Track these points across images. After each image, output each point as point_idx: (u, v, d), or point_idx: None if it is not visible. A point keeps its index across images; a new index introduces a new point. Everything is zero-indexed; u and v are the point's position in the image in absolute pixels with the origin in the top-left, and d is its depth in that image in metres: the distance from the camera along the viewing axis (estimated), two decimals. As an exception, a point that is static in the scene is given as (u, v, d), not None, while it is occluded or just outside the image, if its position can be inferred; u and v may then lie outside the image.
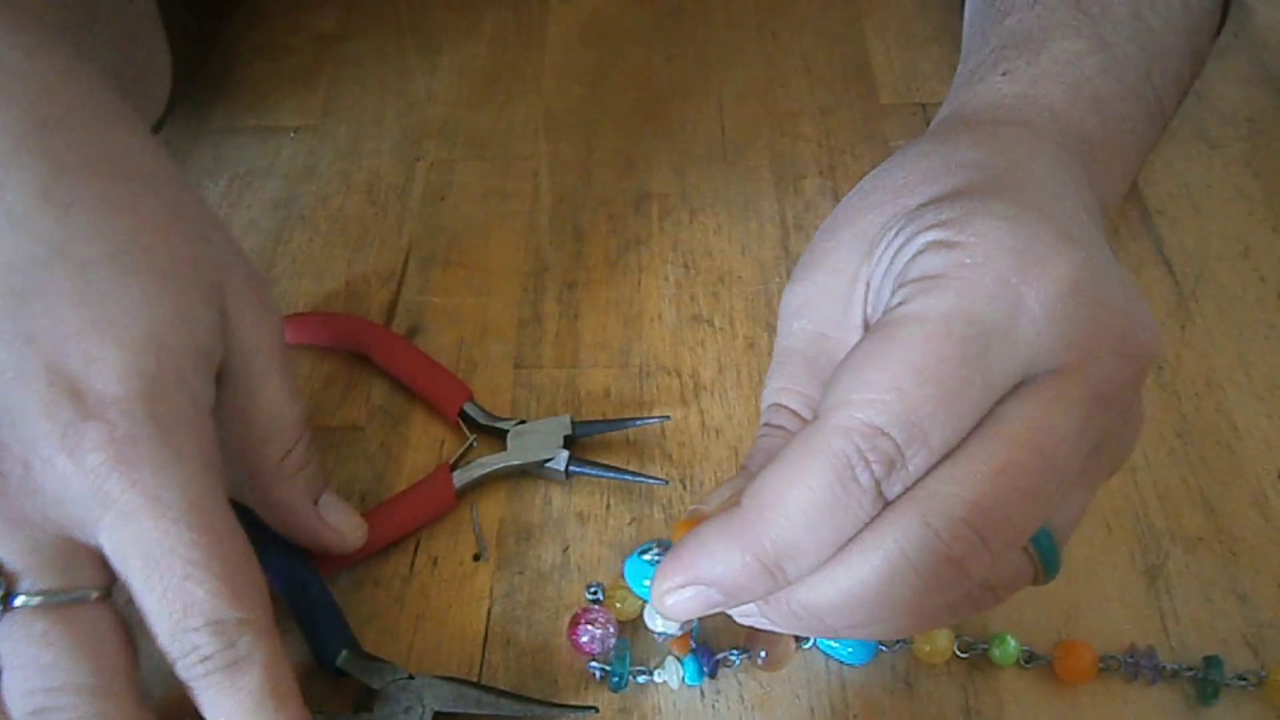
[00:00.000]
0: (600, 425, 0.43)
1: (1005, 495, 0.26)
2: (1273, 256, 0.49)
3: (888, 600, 0.26)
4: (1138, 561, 0.39)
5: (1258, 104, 0.56)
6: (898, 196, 0.31)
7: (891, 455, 0.25)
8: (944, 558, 0.26)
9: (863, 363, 0.27)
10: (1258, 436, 0.43)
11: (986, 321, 0.26)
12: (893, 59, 0.60)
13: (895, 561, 0.26)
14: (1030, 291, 0.26)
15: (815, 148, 0.55)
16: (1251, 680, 0.36)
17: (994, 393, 0.26)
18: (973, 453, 0.26)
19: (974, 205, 0.29)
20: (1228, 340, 0.46)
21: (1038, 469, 0.26)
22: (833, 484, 0.26)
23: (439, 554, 0.41)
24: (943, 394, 0.25)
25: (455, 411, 0.43)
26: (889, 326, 0.27)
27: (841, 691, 0.37)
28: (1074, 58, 0.37)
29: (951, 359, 0.26)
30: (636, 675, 0.36)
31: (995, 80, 0.37)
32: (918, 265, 0.28)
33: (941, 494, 0.26)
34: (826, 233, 0.33)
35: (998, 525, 0.26)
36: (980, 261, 0.27)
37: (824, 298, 0.32)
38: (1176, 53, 0.42)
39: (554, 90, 0.59)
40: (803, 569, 0.26)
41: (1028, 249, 0.27)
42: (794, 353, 0.32)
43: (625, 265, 0.50)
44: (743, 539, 0.26)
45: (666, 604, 0.28)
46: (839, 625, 0.28)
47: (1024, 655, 0.36)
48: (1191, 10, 0.42)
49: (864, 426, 0.25)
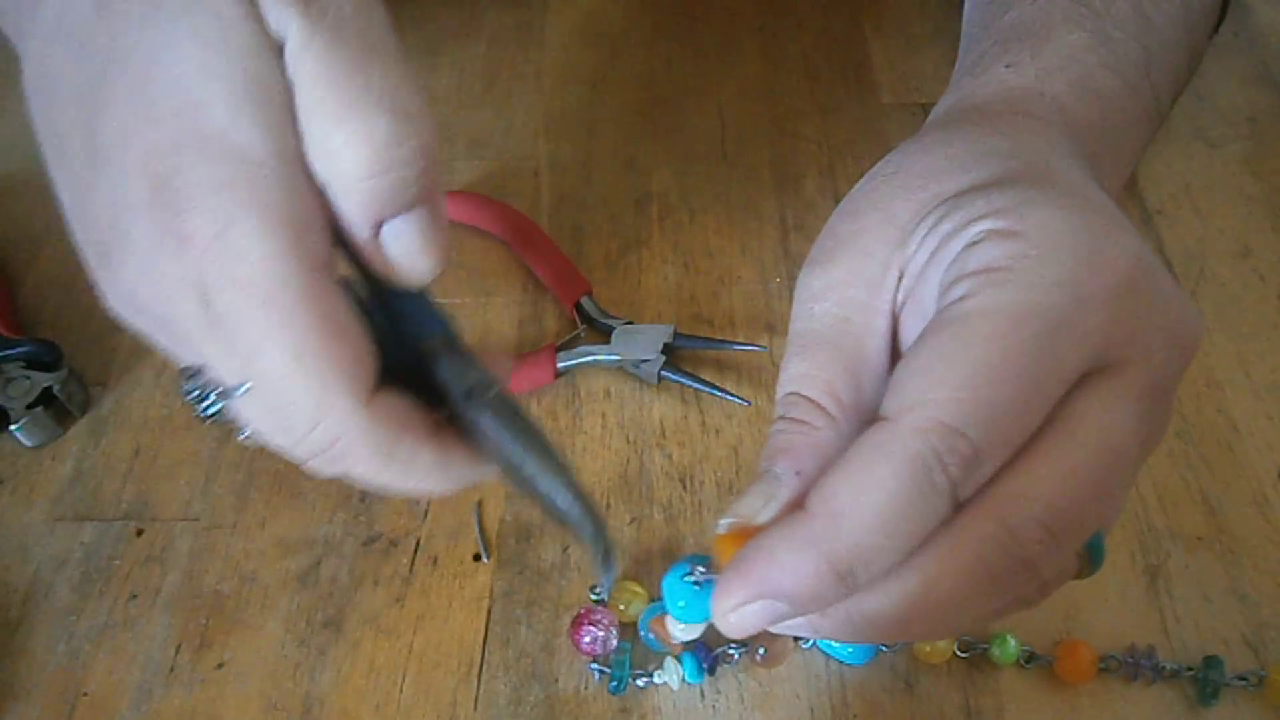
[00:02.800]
0: (700, 341, 0.46)
1: (1079, 496, 0.25)
2: (1273, 256, 0.49)
3: (954, 606, 0.26)
4: (1138, 561, 0.39)
5: (1258, 104, 0.56)
6: (928, 183, 0.30)
7: (968, 457, 0.25)
8: (1019, 560, 0.25)
9: (934, 361, 0.26)
10: (1258, 436, 0.43)
11: (1054, 314, 0.26)
12: (893, 59, 0.60)
13: (970, 566, 0.25)
14: (1096, 283, 0.26)
15: (815, 148, 0.55)
16: (1251, 680, 0.36)
17: (1062, 386, 0.26)
18: (1045, 453, 0.26)
19: (1027, 194, 0.28)
20: (1228, 340, 0.46)
21: (1108, 467, 0.26)
22: (909, 487, 0.25)
23: (439, 554, 0.41)
24: (1016, 390, 0.25)
25: (572, 301, 0.47)
26: (957, 323, 0.26)
27: (841, 691, 0.37)
28: (1077, 52, 0.37)
29: (1024, 356, 0.25)
30: (636, 679, 0.36)
31: (1000, 71, 0.37)
32: (976, 256, 0.27)
33: (1017, 495, 0.25)
34: (848, 216, 0.32)
35: (1071, 526, 0.25)
36: (1044, 253, 0.26)
37: (849, 282, 0.30)
38: (1175, 49, 0.42)
39: (554, 90, 0.59)
40: (875, 575, 0.25)
41: (1088, 240, 0.27)
42: (815, 336, 0.31)
43: (625, 265, 0.50)
44: (816, 547, 0.25)
45: (730, 621, 0.26)
46: (898, 634, 0.27)
47: (1024, 655, 0.36)
48: (1191, 8, 0.42)
49: (941, 427, 0.25)
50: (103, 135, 0.28)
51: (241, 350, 0.27)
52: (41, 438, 0.44)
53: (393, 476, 0.29)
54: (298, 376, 0.27)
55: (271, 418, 0.28)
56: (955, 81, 0.40)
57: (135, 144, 0.27)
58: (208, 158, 0.27)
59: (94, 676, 0.38)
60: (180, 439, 0.44)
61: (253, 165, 0.27)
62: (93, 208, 0.29)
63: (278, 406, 0.28)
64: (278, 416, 0.28)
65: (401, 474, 0.30)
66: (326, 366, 0.27)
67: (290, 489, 0.43)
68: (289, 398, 0.27)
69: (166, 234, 0.27)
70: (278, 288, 0.27)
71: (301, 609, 0.39)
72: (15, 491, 0.43)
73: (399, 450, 0.29)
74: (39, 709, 0.37)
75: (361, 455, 0.29)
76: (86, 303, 0.50)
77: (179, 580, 0.40)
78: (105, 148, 0.28)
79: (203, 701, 0.37)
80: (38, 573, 0.41)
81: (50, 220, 0.53)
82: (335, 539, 0.41)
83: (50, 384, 0.44)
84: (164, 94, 0.27)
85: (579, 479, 0.29)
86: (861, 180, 0.33)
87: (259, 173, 0.27)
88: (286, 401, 0.28)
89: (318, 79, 0.27)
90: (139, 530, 0.42)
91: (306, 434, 0.28)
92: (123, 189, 0.27)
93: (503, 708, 0.37)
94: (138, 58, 0.27)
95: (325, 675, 0.38)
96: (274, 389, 0.27)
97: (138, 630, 0.39)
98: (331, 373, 0.27)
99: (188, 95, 0.27)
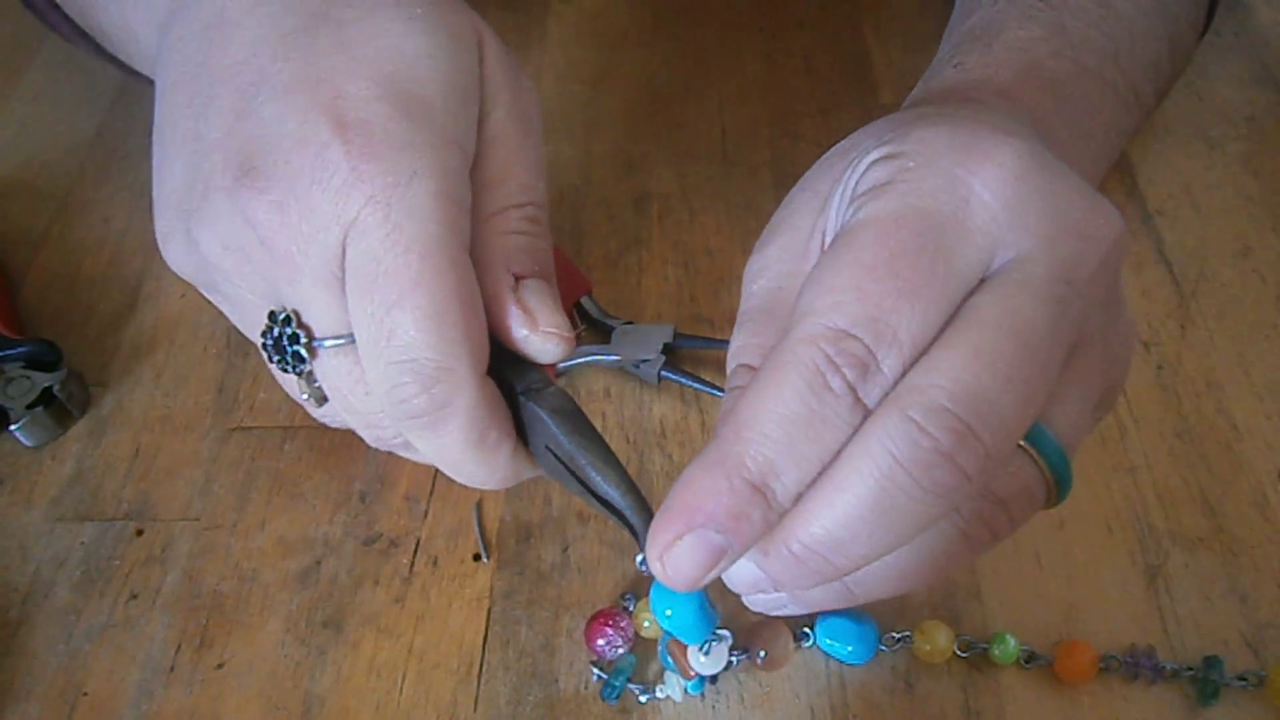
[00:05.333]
0: (700, 341, 0.46)
1: (985, 380, 0.25)
2: (1273, 256, 0.49)
3: (890, 518, 0.25)
4: (1138, 561, 0.39)
5: (1258, 104, 0.56)
6: (846, 153, 0.32)
7: (861, 356, 0.25)
8: (934, 453, 0.25)
9: (819, 274, 0.27)
10: (1258, 436, 0.43)
11: (937, 214, 0.26)
12: (893, 59, 0.60)
13: (886, 466, 0.25)
14: (977, 180, 0.26)
15: (815, 148, 0.55)
16: (1251, 680, 0.36)
17: (958, 284, 0.26)
18: (945, 342, 0.25)
19: (913, 122, 0.29)
20: (1228, 340, 0.46)
21: (1014, 352, 0.25)
22: (805, 394, 0.25)
23: (439, 554, 0.41)
24: (902, 287, 0.25)
25: (572, 301, 0.47)
26: (844, 235, 0.27)
27: (841, 691, 0.37)
28: (1026, 44, 0.38)
29: (906, 252, 0.26)
30: (640, 695, 0.36)
31: (948, 72, 0.38)
32: (865, 180, 0.28)
33: (919, 386, 0.25)
34: (782, 205, 0.33)
35: (983, 411, 0.25)
36: (923, 162, 0.27)
37: (780, 256, 0.32)
38: (1150, 37, 0.42)
39: (554, 90, 0.59)
40: (790, 487, 0.25)
41: (968, 143, 0.27)
42: (754, 310, 0.32)
43: (625, 265, 0.50)
44: (725, 463, 0.25)
45: (667, 564, 0.26)
46: (850, 560, 0.26)
47: (1024, 655, 0.36)
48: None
49: (828, 331, 0.25)
50: (283, 76, 0.30)
51: (376, 300, 0.28)
52: (41, 438, 0.44)
53: (472, 460, 0.30)
54: (431, 333, 0.28)
55: (376, 371, 0.29)
56: (911, 93, 0.40)
57: (325, 89, 0.29)
58: (407, 117, 0.29)
59: (94, 676, 0.38)
60: (180, 439, 0.44)
61: (448, 142, 0.30)
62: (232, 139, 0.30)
63: (395, 361, 0.28)
64: (389, 371, 0.29)
65: (481, 459, 0.31)
66: (461, 331, 0.29)
67: (290, 489, 0.43)
68: (413, 353, 0.28)
69: (334, 169, 0.28)
70: (436, 247, 0.28)
71: (301, 609, 0.39)
72: (15, 491, 0.43)
73: (491, 434, 0.30)
74: (39, 709, 0.37)
75: (458, 429, 0.30)
76: (86, 303, 0.50)
77: (179, 580, 0.40)
78: (286, 85, 0.29)
79: (203, 701, 0.37)
80: (38, 573, 0.41)
81: (50, 220, 0.53)
82: (335, 539, 0.41)
83: (50, 384, 0.44)
84: (378, 57, 0.30)
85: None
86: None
87: (450, 150, 0.30)
88: (409, 356, 0.28)
89: (513, 116, 0.33)
90: (139, 530, 0.42)
91: (416, 395, 0.29)
92: (291, 122, 0.29)
93: (503, 708, 0.37)
94: (357, 27, 0.30)
95: (325, 675, 0.38)
96: (399, 343, 0.28)
97: (138, 630, 0.39)
98: (463, 337, 0.29)
99: (403, 65, 0.30)
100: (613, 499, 0.30)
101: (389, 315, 0.28)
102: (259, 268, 0.30)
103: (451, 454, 0.30)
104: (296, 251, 0.29)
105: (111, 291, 0.50)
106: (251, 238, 0.29)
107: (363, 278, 0.28)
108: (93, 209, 0.53)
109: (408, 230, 0.28)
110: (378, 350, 0.28)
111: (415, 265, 0.28)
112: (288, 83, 0.29)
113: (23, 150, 0.56)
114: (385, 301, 0.28)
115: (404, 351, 0.28)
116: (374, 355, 0.29)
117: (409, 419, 0.29)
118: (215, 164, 0.30)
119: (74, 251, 0.52)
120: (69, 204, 0.54)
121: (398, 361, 0.28)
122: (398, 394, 0.29)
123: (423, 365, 0.28)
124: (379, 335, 0.28)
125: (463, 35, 0.32)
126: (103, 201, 0.54)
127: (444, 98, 0.30)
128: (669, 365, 0.45)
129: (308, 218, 0.28)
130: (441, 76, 0.31)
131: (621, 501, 0.30)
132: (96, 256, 0.51)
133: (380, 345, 0.28)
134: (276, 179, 0.29)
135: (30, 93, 0.60)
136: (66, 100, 0.59)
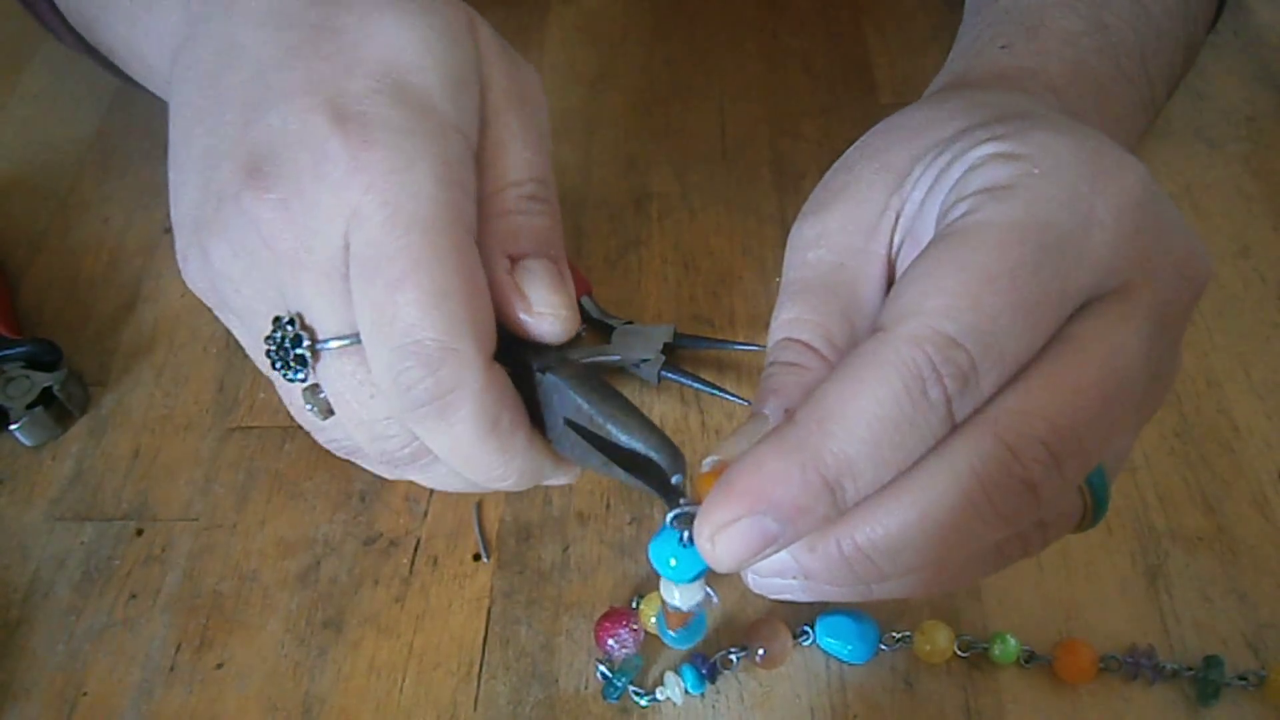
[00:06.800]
0: (700, 341, 0.46)
1: (1083, 416, 0.24)
2: (1273, 256, 0.49)
3: (953, 535, 0.25)
4: (1138, 561, 0.39)
5: (1258, 104, 0.56)
6: (925, 131, 0.30)
7: (965, 369, 0.24)
8: (1019, 479, 0.24)
9: (932, 269, 0.25)
10: (1258, 436, 0.43)
11: (1060, 230, 0.25)
12: (893, 59, 0.60)
13: (967, 484, 0.24)
14: (1101, 201, 0.25)
15: (815, 148, 0.55)
16: (1251, 680, 0.36)
17: (1067, 306, 0.25)
18: (1048, 371, 0.25)
19: (1029, 123, 0.27)
20: (1228, 340, 0.46)
21: (1111, 389, 0.25)
22: (901, 397, 0.24)
23: (439, 554, 0.41)
24: (1018, 303, 0.24)
25: None
26: (959, 234, 0.25)
27: (841, 691, 0.37)
28: (1071, 37, 0.37)
29: (1026, 267, 0.24)
30: (640, 698, 0.36)
31: (995, 53, 0.37)
32: (980, 177, 0.26)
33: (1018, 411, 0.24)
34: (842, 170, 0.31)
35: (1072, 447, 0.24)
36: (1049, 170, 0.26)
37: (844, 228, 0.30)
38: (1172, 41, 0.42)
39: (554, 90, 0.59)
40: (862, 490, 0.24)
41: (1094, 161, 0.26)
42: (808, 282, 0.30)
43: (625, 265, 0.50)
44: (802, 452, 0.24)
45: (718, 544, 0.25)
46: (897, 569, 0.25)
47: (1024, 655, 0.36)
48: (1189, 1, 0.42)
49: (937, 336, 0.24)
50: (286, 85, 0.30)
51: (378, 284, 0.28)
52: (41, 438, 0.44)
53: (487, 450, 0.30)
54: (434, 313, 0.28)
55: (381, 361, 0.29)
56: (949, 64, 0.39)
57: (325, 89, 0.29)
58: (405, 106, 0.29)
59: (94, 676, 0.38)
60: (180, 439, 0.44)
61: (448, 128, 0.30)
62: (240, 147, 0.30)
63: (399, 345, 0.28)
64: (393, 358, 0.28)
65: (497, 448, 0.30)
66: (466, 314, 0.28)
67: (290, 489, 0.43)
68: (416, 334, 0.28)
69: (334, 162, 0.28)
70: (437, 229, 0.28)
71: (301, 609, 0.39)
72: (15, 491, 0.43)
73: (504, 419, 0.30)
74: (39, 709, 0.37)
75: (469, 415, 0.29)
76: (86, 303, 0.50)
77: (179, 580, 0.40)
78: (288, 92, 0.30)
79: (203, 701, 0.37)
80: (38, 572, 0.41)
81: (50, 220, 0.53)
82: (335, 539, 0.41)
83: (50, 384, 0.44)
84: (375, 54, 0.30)
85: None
86: (854, 144, 0.32)
87: (451, 136, 0.30)
88: (412, 338, 0.28)
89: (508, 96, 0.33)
90: (139, 530, 0.42)
91: (421, 379, 0.28)
92: (294, 124, 0.29)
93: (503, 708, 0.37)
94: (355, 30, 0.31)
95: (325, 675, 0.38)
96: (402, 325, 0.28)
97: (138, 630, 0.39)
98: (468, 318, 0.28)
99: (400, 57, 0.30)
100: (638, 447, 0.28)
101: (391, 298, 0.28)
102: (265, 271, 0.30)
103: (465, 446, 0.29)
104: (301, 248, 0.29)
105: (111, 291, 0.50)
106: (257, 240, 0.29)
107: (365, 265, 0.28)
108: (92, 209, 0.53)
109: (407, 213, 0.28)
110: (381, 336, 0.28)
111: (416, 247, 0.28)
112: (290, 90, 0.30)
113: (23, 150, 0.56)
114: (387, 284, 0.28)
115: (407, 334, 0.28)
116: (378, 342, 0.28)
117: (416, 409, 0.28)
118: (224, 174, 0.30)
119: (74, 251, 0.52)
120: (69, 204, 0.54)
121: (401, 345, 0.28)
122: (403, 380, 0.28)
123: (426, 347, 0.28)
124: (382, 320, 0.28)
125: (456, 22, 0.32)
126: (102, 201, 0.54)
127: (442, 85, 0.30)
128: (669, 365, 0.45)
129: (311, 212, 0.28)
130: (438, 64, 0.30)
131: (648, 444, 0.28)
132: (96, 256, 0.51)
133: (383, 330, 0.28)
134: (280, 178, 0.29)
135: (30, 93, 0.60)
136: (66, 100, 0.59)
